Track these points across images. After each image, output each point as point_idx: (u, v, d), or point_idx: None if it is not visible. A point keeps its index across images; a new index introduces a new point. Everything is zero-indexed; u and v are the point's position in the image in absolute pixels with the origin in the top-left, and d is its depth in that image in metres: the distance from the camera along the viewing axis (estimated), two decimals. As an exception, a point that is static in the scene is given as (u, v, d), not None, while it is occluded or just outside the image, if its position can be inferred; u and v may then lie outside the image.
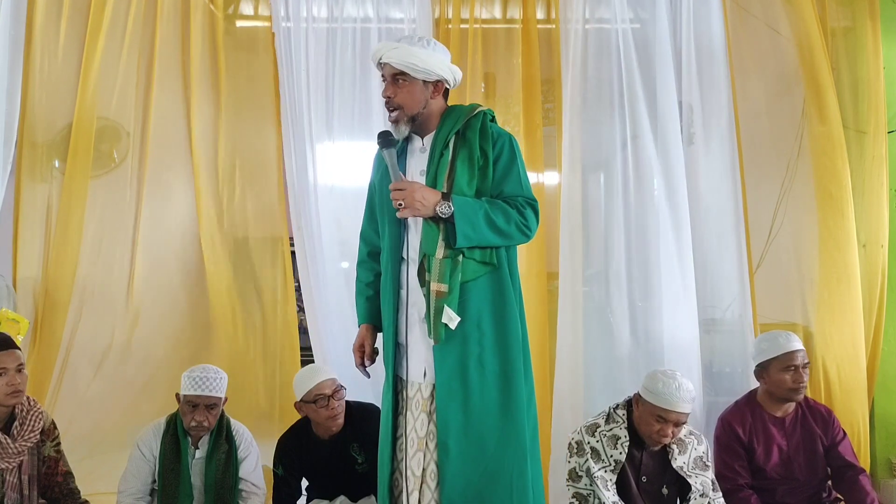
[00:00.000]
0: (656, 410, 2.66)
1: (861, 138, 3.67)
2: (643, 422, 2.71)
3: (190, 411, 2.87)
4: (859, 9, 3.72)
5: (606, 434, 2.75)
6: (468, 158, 2.33)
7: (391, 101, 2.35)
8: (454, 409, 2.29)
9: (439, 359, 2.29)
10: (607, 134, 3.68)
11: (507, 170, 2.36)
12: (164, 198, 3.90)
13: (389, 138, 2.34)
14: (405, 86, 2.34)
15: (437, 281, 2.25)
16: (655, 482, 2.76)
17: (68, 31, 3.76)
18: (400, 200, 2.24)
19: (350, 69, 3.70)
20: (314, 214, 3.62)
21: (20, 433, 2.69)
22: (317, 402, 2.88)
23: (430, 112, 2.39)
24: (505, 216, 2.29)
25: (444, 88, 2.41)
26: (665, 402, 2.64)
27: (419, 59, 2.31)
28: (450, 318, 2.24)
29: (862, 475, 2.95)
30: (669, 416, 2.65)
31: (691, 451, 2.77)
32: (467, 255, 2.28)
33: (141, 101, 3.86)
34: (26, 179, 3.72)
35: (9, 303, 3.42)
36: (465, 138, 2.35)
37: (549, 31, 3.82)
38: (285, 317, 3.82)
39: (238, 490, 2.95)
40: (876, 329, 3.58)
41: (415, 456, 2.32)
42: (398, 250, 2.39)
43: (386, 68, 2.36)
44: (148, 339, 3.84)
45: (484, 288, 2.33)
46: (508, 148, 2.37)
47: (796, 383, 2.94)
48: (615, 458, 2.71)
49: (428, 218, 2.27)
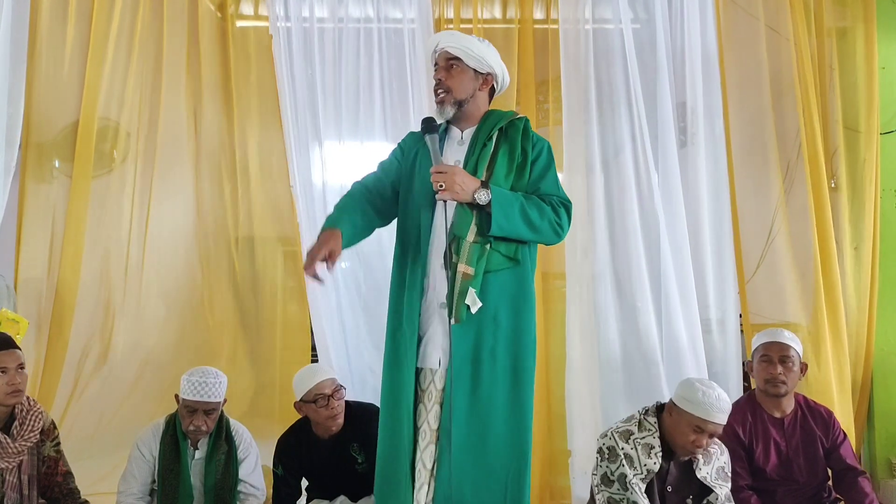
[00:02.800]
0: (694, 420, 2.60)
1: (855, 138, 3.68)
2: (678, 431, 2.64)
3: (188, 415, 2.87)
4: (855, 10, 3.73)
5: (640, 442, 2.68)
6: (509, 153, 2.40)
7: (442, 84, 2.42)
8: (462, 395, 2.29)
9: (456, 343, 2.30)
10: (607, 134, 3.69)
11: (545, 171, 2.43)
12: (167, 198, 3.91)
13: (432, 124, 2.38)
14: (457, 72, 2.43)
15: (464, 263, 2.28)
16: (681, 492, 2.70)
17: (73, 33, 3.77)
18: (441, 182, 2.27)
19: (352, 69, 3.72)
20: (318, 214, 3.63)
21: (20, 433, 2.69)
22: (316, 401, 2.88)
23: (475, 104, 2.47)
24: (539, 211, 2.33)
25: (491, 86, 2.49)
26: (704, 413, 2.58)
27: (475, 47, 2.42)
28: (473, 301, 2.27)
29: (862, 477, 2.94)
30: (707, 426, 2.60)
31: (714, 462, 2.72)
32: (494, 247, 2.32)
33: (142, 102, 3.87)
34: (30, 181, 3.73)
35: (9, 303, 3.42)
36: (507, 135, 2.43)
37: (549, 31, 3.83)
38: (290, 316, 3.83)
39: (238, 491, 2.96)
40: (869, 329, 3.59)
41: (426, 449, 2.31)
42: (427, 236, 2.40)
43: (440, 57, 2.44)
44: (151, 339, 3.84)
45: (505, 282, 2.35)
46: (547, 152, 2.47)
47: (768, 374, 2.93)
48: (648, 467, 2.65)
49: (463, 203, 2.30)
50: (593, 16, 3.71)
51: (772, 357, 2.95)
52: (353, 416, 2.98)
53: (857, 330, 3.62)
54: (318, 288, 3.54)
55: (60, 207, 3.72)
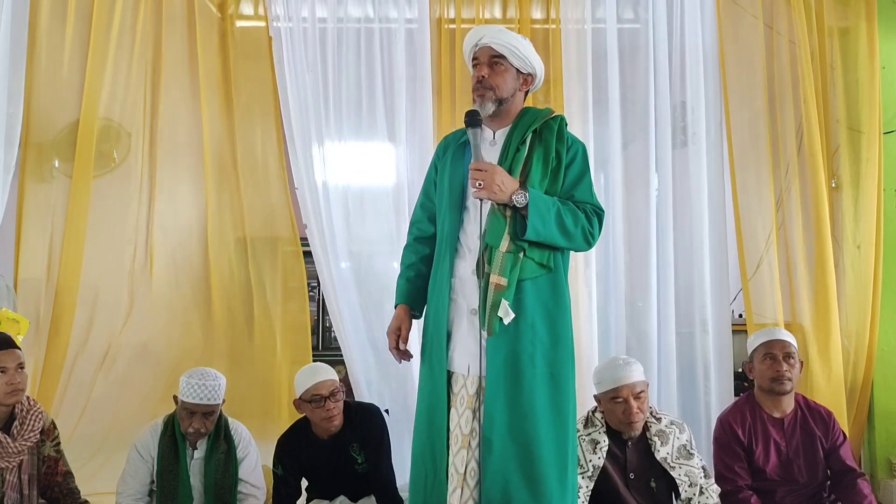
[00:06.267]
0: (610, 394, 2.68)
1: (857, 138, 3.67)
2: (609, 414, 2.71)
3: (187, 417, 2.87)
4: (856, 9, 3.72)
5: (586, 439, 2.72)
6: (543, 157, 2.33)
7: (485, 81, 2.34)
8: (501, 406, 2.24)
9: (491, 353, 2.25)
10: (608, 134, 3.69)
11: (580, 177, 2.37)
12: (167, 198, 3.92)
13: (477, 118, 2.32)
14: (501, 70, 2.34)
15: (497, 273, 2.22)
16: (643, 476, 2.74)
17: (72, 33, 3.77)
18: (479, 180, 2.21)
19: (353, 69, 3.72)
20: (322, 213, 3.65)
21: (20, 433, 2.69)
22: (312, 402, 2.89)
23: (514, 104, 2.40)
24: (574, 218, 2.28)
25: (528, 86, 2.43)
26: (613, 381, 2.66)
27: (521, 46, 2.34)
28: (506, 313, 2.22)
29: (861, 479, 2.93)
30: (622, 392, 2.66)
31: (673, 441, 2.75)
32: (527, 254, 2.27)
33: (144, 102, 3.88)
34: (30, 181, 3.74)
35: (9, 303, 3.42)
36: (541, 138, 2.35)
37: (549, 31, 3.82)
38: (290, 316, 3.83)
39: (237, 490, 2.95)
40: (871, 329, 3.59)
41: (458, 453, 2.26)
42: (454, 238, 2.36)
43: (482, 52, 2.35)
44: (153, 339, 3.84)
45: (541, 289, 2.30)
46: (582, 155, 2.39)
47: (774, 372, 2.93)
48: (594, 463, 2.68)
49: (498, 206, 2.25)
50: (593, 16, 3.70)
51: (776, 355, 2.95)
52: (353, 417, 2.98)
53: (859, 329, 3.60)
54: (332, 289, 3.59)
55: (60, 207, 3.71)
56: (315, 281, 3.87)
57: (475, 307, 2.27)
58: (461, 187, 2.36)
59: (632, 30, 3.72)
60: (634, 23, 3.72)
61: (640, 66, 3.67)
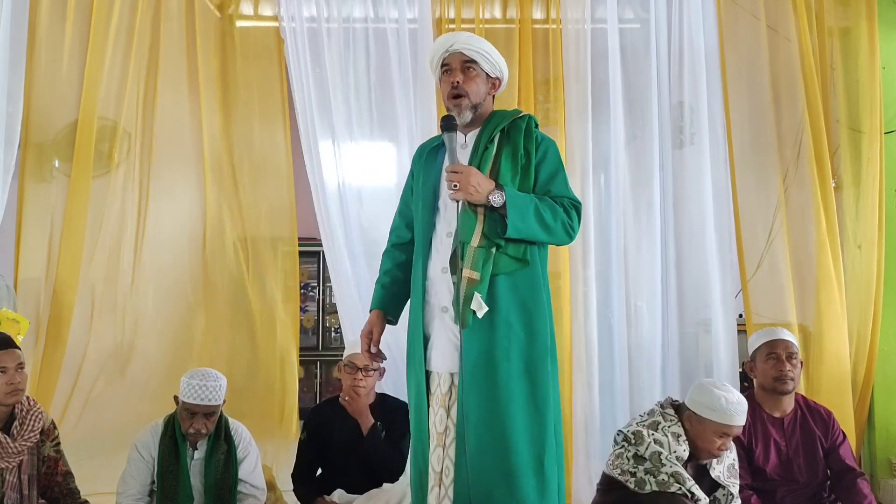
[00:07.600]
0: (720, 428, 2.60)
1: (858, 138, 3.67)
2: (703, 438, 2.64)
3: (188, 418, 2.87)
4: (856, 9, 3.72)
5: (668, 430, 2.67)
6: (512, 156, 2.35)
7: (459, 87, 2.36)
8: (475, 401, 2.25)
9: (466, 349, 2.27)
10: (608, 134, 3.69)
11: (554, 173, 2.38)
12: (167, 198, 3.92)
13: (452, 122, 2.34)
14: (473, 75, 2.37)
15: (469, 268, 2.24)
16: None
17: (72, 32, 3.77)
18: (455, 182, 2.23)
19: (353, 69, 3.72)
20: (332, 213, 3.64)
21: (20, 433, 2.69)
22: (346, 367, 3.11)
23: (484, 108, 2.43)
24: (552, 213, 2.30)
25: (496, 90, 2.46)
26: (729, 419, 2.58)
27: (491, 51, 2.39)
28: (479, 306, 2.23)
29: (861, 478, 2.94)
30: (733, 431, 2.61)
31: (725, 460, 2.74)
32: (501, 250, 2.28)
33: (145, 102, 3.88)
34: (30, 181, 3.73)
35: (9, 303, 3.42)
36: (509, 136, 2.37)
37: (549, 31, 3.82)
38: (290, 316, 3.83)
39: (237, 490, 2.95)
40: (873, 329, 3.59)
41: (434, 452, 2.30)
42: (427, 240, 2.39)
43: (454, 58, 2.38)
44: (152, 339, 3.84)
45: (517, 284, 2.31)
46: (553, 152, 2.41)
47: (778, 371, 2.94)
48: (678, 454, 2.64)
49: (470, 206, 2.27)
50: (594, 16, 3.70)
51: (779, 354, 2.96)
52: (384, 407, 3.14)
53: (860, 330, 3.60)
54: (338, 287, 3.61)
55: (60, 207, 3.72)
56: (315, 281, 3.87)
57: (446, 305, 2.31)
58: (433, 189, 2.39)
59: (632, 30, 3.72)
60: (635, 23, 3.72)
61: (641, 66, 3.67)
